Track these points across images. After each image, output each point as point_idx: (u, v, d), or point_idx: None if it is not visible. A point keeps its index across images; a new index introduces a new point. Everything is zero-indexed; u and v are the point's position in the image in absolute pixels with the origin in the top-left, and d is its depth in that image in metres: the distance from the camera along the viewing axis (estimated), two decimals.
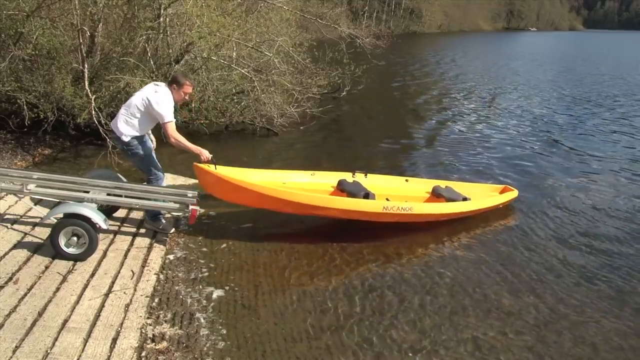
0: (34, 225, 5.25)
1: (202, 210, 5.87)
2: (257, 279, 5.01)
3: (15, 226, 5.20)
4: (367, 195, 5.95)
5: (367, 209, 5.72)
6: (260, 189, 5.45)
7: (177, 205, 5.26)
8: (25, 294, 4.11)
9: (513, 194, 6.96)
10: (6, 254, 4.67)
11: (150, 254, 5.12)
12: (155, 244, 5.33)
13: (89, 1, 8.42)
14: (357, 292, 4.92)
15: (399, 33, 55.88)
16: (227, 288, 4.77)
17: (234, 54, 10.02)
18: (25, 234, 5.09)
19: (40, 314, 3.87)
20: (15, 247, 4.81)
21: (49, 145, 8.20)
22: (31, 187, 5.06)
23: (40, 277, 4.40)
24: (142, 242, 5.33)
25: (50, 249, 4.72)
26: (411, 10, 67.58)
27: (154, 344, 3.81)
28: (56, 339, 3.61)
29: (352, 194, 6.01)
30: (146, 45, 9.25)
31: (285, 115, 10.81)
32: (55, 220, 4.70)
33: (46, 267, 4.56)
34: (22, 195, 5.17)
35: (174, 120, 5.26)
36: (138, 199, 5.21)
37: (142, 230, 5.59)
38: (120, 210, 5.81)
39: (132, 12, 9.21)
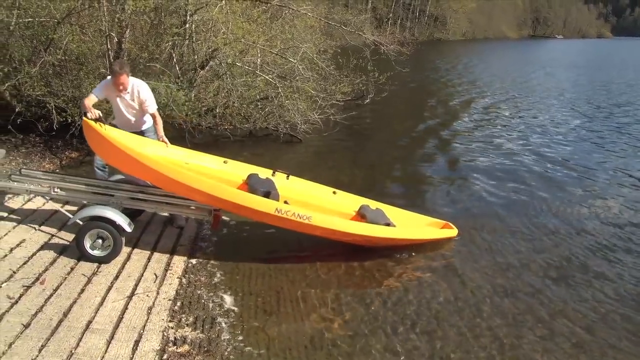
0: (61, 227, 5.32)
1: (225, 215, 5.95)
2: (278, 285, 5.02)
3: (43, 227, 5.29)
4: (267, 194, 5.35)
5: (256, 207, 5.07)
6: (142, 157, 4.95)
7: (201, 210, 5.30)
8: (51, 295, 4.17)
9: (450, 232, 6.17)
10: (33, 254, 4.75)
11: (173, 257, 5.16)
12: (178, 248, 5.37)
13: (117, 8, 8.55)
14: (378, 302, 4.89)
15: (423, 40, 55.70)
16: (248, 293, 4.80)
17: (259, 60, 10.08)
18: (52, 235, 5.17)
19: (65, 315, 3.93)
20: (42, 248, 4.89)
21: (76, 149, 8.32)
22: (58, 189, 5.15)
23: (65, 278, 4.46)
24: (166, 245, 5.37)
25: (75, 251, 4.79)
26: (435, 17, 67.33)
27: (175, 347, 3.83)
28: (80, 340, 3.66)
29: (252, 190, 5.45)
30: (172, 51, 9.37)
31: (308, 122, 10.82)
32: (81, 223, 4.76)
33: (72, 269, 4.62)
34: (49, 197, 5.25)
35: (91, 93, 5.40)
36: (162, 202, 5.26)
37: (166, 234, 5.65)
38: (144, 213, 5.86)
39: (158, 18, 9.33)
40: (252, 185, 5.60)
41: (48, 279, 4.39)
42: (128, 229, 4.77)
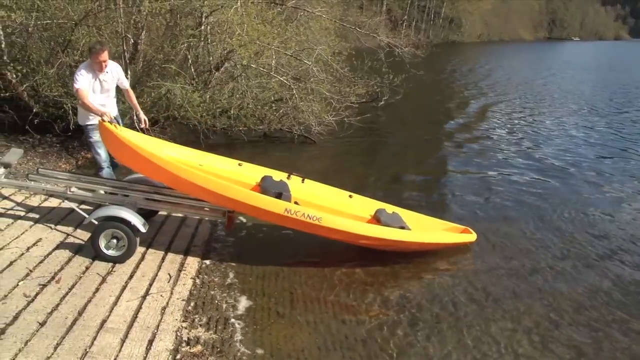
0: (76, 226, 5.37)
1: (240, 217, 5.97)
2: (292, 286, 5.01)
3: (59, 227, 5.34)
4: (279, 196, 5.32)
5: (265, 207, 5.03)
6: (156, 159, 5.00)
7: (215, 211, 5.31)
8: (67, 293, 4.20)
9: (468, 237, 6.03)
10: (49, 253, 4.79)
11: (187, 258, 5.18)
12: (192, 249, 5.39)
13: (133, 9, 8.63)
14: (393, 306, 4.87)
15: (438, 42, 55.48)
16: (262, 295, 4.79)
17: (273, 62, 10.10)
18: (68, 234, 5.21)
19: (80, 313, 3.96)
20: (58, 247, 4.93)
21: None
22: (74, 189, 5.20)
23: (81, 277, 4.49)
24: (180, 246, 5.39)
25: (90, 250, 4.82)
26: (450, 19, 67.10)
27: (188, 347, 3.84)
28: (95, 339, 3.68)
29: (264, 191, 5.43)
30: (187, 53, 9.42)
31: (323, 124, 10.82)
32: (96, 223, 4.80)
33: (87, 268, 4.65)
34: (65, 197, 5.30)
35: (83, 88, 5.31)
36: (176, 203, 5.28)
37: (180, 235, 5.67)
38: (159, 214, 5.89)
39: (174, 20, 9.39)
40: (264, 186, 5.60)
41: (63, 278, 4.42)
42: (143, 230, 4.79)
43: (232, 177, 5.73)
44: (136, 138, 5.44)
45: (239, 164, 6.09)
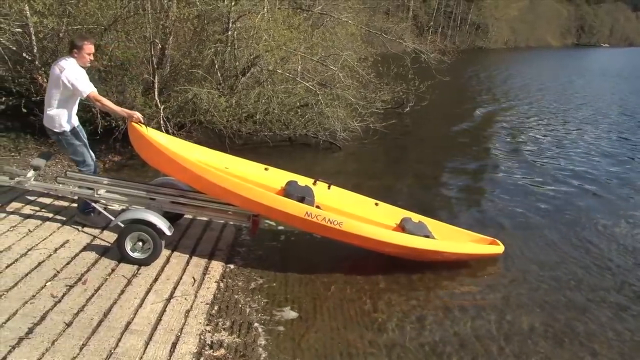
0: (103, 228, 5.42)
1: (265, 222, 5.97)
2: (315, 292, 5.00)
3: (86, 229, 5.39)
4: (301, 200, 5.37)
5: (286, 209, 5.03)
6: (181, 160, 5.04)
7: (239, 215, 5.32)
8: (93, 295, 4.24)
9: (495, 248, 5.91)
10: (76, 255, 4.85)
11: (212, 262, 5.19)
12: (216, 252, 5.40)
13: (161, 15, 8.73)
14: (417, 316, 4.83)
15: (464, 48, 55.05)
16: (285, 300, 4.79)
17: (299, 67, 10.13)
18: (94, 237, 5.26)
19: (105, 315, 3.99)
20: (84, 249, 4.98)
21: (119, 153, 8.49)
22: (101, 192, 5.25)
23: (106, 279, 4.53)
24: (204, 249, 5.41)
25: (116, 253, 4.86)
26: (477, 25, 66.46)
27: (212, 350, 3.84)
28: (119, 340, 3.71)
29: (287, 195, 5.45)
30: (214, 58, 9.49)
31: (348, 130, 10.79)
32: (123, 225, 4.84)
33: (112, 270, 4.69)
34: (92, 200, 5.35)
35: (92, 90, 5.03)
36: (202, 207, 5.30)
37: (205, 238, 5.69)
38: (184, 217, 5.92)
39: (201, 25, 9.48)
40: (288, 190, 5.62)
41: (90, 279, 4.46)
42: (168, 233, 4.82)
43: (257, 181, 5.75)
44: (164, 139, 5.51)
45: (265, 169, 6.11)
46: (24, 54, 8.18)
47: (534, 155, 11.62)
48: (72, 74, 4.94)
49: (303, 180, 6.00)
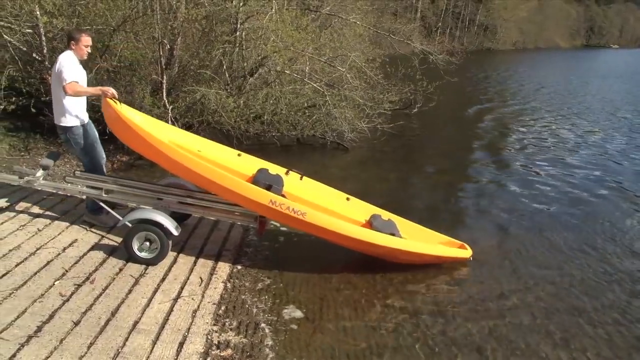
0: (110, 228, 5.45)
1: (272, 223, 5.97)
2: (322, 293, 5.00)
3: (94, 229, 5.42)
4: (268, 187, 5.29)
5: (250, 196, 4.95)
6: (151, 138, 4.98)
7: (246, 216, 5.33)
8: (100, 294, 4.26)
9: (462, 252, 5.81)
10: (85, 254, 4.87)
11: (219, 262, 5.21)
12: (224, 253, 5.42)
13: (170, 16, 8.77)
14: (423, 315, 4.81)
15: (473, 49, 54.96)
16: (292, 300, 4.79)
17: (307, 68, 10.14)
18: (102, 236, 5.29)
19: (113, 314, 4.01)
20: (92, 248, 5.01)
21: (127, 152, 8.52)
22: (109, 191, 5.28)
23: (114, 278, 4.55)
24: (211, 250, 5.43)
25: (124, 252, 4.89)
26: (485, 26, 66.26)
27: (218, 350, 3.85)
28: (127, 339, 3.72)
29: (255, 182, 5.41)
30: (222, 58, 9.52)
31: (356, 131, 10.80)
32: (130, 225, 4.86)
33: (120, 270, 4.71)
34: (100, 199, 5.38)
35: (74, 80, 4.93)
36: (209, 207, 5.32)
37: (212, 238, 5.71)
38: (191, 217, 5.94)
39: (210, 26, 9.51)
40: (257, 178, 5.59)
41: (98, 279, 4.49)
42: (175, 233, 4.83)
43: (229, 166, 5.71)
44: (138, 117, 5.43)
45: (238, 155, 6.07)
46: (34, 55, 8.24)
47: (541, 157, 11.55)
48: (64, 62, 4.97)
49: (275, 169, 5.94)
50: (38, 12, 7.73)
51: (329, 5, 11.99)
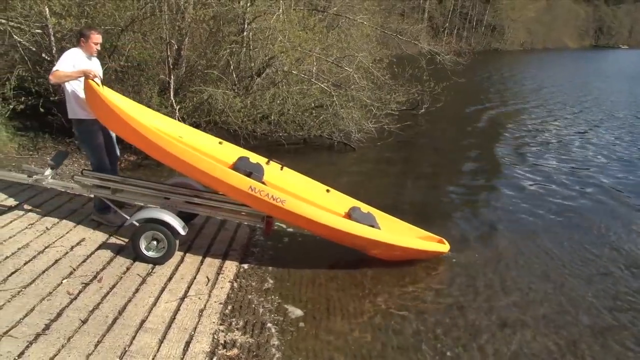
0: (118, 227, 5.48)
1: (279, 223, 5.98)
2: (329, 293, 5.01)
3: (101, 227, 5.45)
4: (249, 175, 5.27)
5: (229, 181, 4.93)
6: (134, 122, 4.95)
7: (253, 216, 5.34)
8: (108, 293, 4.29)
9: (440, 247, 5.78)
10: (92, 253, 4.90)
11: (226, 261, 5.22)
12: (230, 252, 5.43)
13: (177, 16, 8.81)
14: (430, 316, 4.81)
15: (480, 50, 54.83)
16: (298, 300, 4.80)
17: (314, 68, 10.15)
18: (110, 235, 5.32)
19: (120, 313, 4.03)
20: (100, 247, 5.04)
21: (135, 152, 8.55)
22: (117, 191, 5.30)
23: (121, 277, 4.57)
24: (218, 249, 5.44)
25: (131, 251, 4.91)
26: (493, 27, 66.07)
27: (225, 350, 3.86)
28: (134, 338, 3.74)
29: (235, 169, 5.38)
30: (229, 59, 9.55)
31: (363, 131, 10.80)
32: (137, 224, 4.89)
33: (127, 269, 4.74)
34: (108, 198, 5.41)
35: (61, 69, 4.92)
36: (216, 207, 5.33)
37: (219, 238, 5.72)
38: (198, 217, 5.95)
39: (217, 26, 9.54)
40: (237, 165, 5.60)
41: (105, 278, 4.51)
42: (182, 232, 4.85)
43: (210, 153, 5.69)
44: (120, 101, 5.40)
45: (220, 142, 6.07)
46: (43, 55, 8.29)
47: (548, 158, 11.50)
48: (63, 55, 5.04)
49: (256, 158, 5.94)
50: (47, 13, 7.79)
51: (336, 6, 11.99)
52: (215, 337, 3.98)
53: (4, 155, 7.63)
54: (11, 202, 5.69)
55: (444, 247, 5.79)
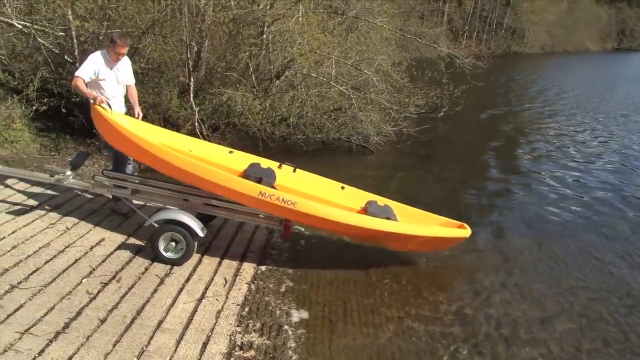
0: (137, 228, 5.52)
1: (297, 226, 5.98)
2: (345, 295, 4.99)
3: (121, 228, 5.50)
4: (259, 181, 5.31)
5: (239, 189, 4.95)
6: (142, 141, 5.03)
7: (271, 219, 5.34)
8: (126, 293, 4.32)
9: (462, 232, 5.62)
10: (111, 253, 4.95)
11: (243, 263, 5.23)
12: (248, 254, 5.45)
13: (197, 19, 8.86)
14: (447, 320, 4.79)
15: (500, 53, 54.28)
16: (316, 303, 4.79)
17: (333, 71, 10.15)
18: (129, 235, 5.37)
19: (138, 313, 4.06)
20: (119, 247, 5.09)
21: None
22: (137, 191, 5.35)
23: (140, 277, 4.61)
24: (236, 251, 5.46)
25: (150, 252, 4.96)
26: (513, 30, 65.45)
27: (242, 351, 3.87)
28: (151, 338, 3.77)
29: (246, 176, 5.44)
30: (249, 61, 9.58)
31: (381, 134, 10.77)
32: (156, 225, 4.92)
33: (146, 269, 4.77)
34: (128, 199, 5.46)
35: (82, 76, 5.18)
36: (234, 209, 5.34)
37: (237, 240, 5.74)
38: (216, 218, 5.97)
39: (237, 29, 9.58)
40: (247, 172, 5.62)
41: (124, 278, 4.55)
42: (201, 234, 4.87)
43: (220, 163, 5.71)
44: (128, 123, 5.48)
45: (230, 152, 6.07)
46: (66, 57, 8.40)
47: (568, 163, 11.38)
48: (87, 59, 5.29)
49: (267, 163, 5.93)
50: (70, 16, 7.89)
51: (355, 9, 11.98)
52: (232, 338, 3.99)
53: (27, 156, 7.74)
54: (33, 201, 5.77)
55: (466, 232, 5.66)
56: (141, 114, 5.81)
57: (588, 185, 9.71)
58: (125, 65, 5.66)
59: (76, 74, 5.20)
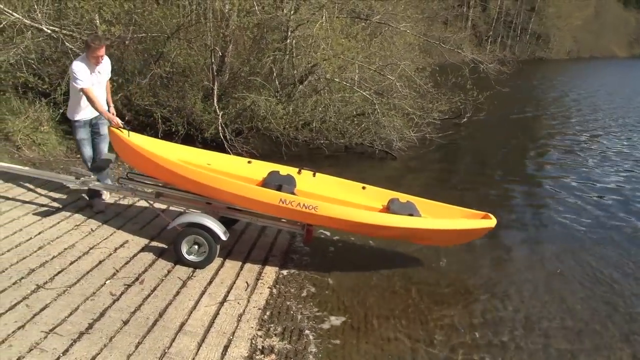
0: (160, 231, 5.56)
1: (319, 231, 5.97)
2: (367, 301, 4.96)
3: (144, 230, 5.55)
4: (279, 188, 5.34)
5: (259, 198, 4.96)
6: (159, 159, 5.09)
7: (293, 224, 5.34)
8: (149, 295, 4.35)
9: (487, 222, 5.48)
10: (135, 255, 4.99)
11: (265, 267, 5.24)
12: (270, 259, 5.45)
13: (222, 24, 8.93)
14: (472, 328, 4.73)
15: (524, 59, 53.76)
16: (337, 308, 4.77)
17: (357, 76, 10.13)
18: (152, 238, 5.41)
19: (160, 315, 4.08)
20: (143, 249, 5.13)
21: None
22: (161, 194, 5.39)
23: (163, 280, 4.64)
24: (258, 255, 5.46)
25: (173, 255, 4.98)
26: (538, 35, 64.73)
27: (262, 355, 3.87)
28: (173, 340, 3.78)
29: (266, 185, 5.47)
30: (272, 66, 9.63)
31: (404, 139, 10.71)
32: (180, 229, 4.95)
33: (168, 272, 4.80)
34: (152, 201, 5.51)
35: (88, 86, 5.28)
36: (256, 214, 5.34)
37: (259, 244, 5.75)
38: (239, 222, 5.99)
39: (261, 34, 9.64)
40: (267, 180, 5.64)
41: (147, 280, 4.58)
42: (223, 237, 4.88)
43: (239, 174, 5.76)
44: (143, 141, 5.55)
45: (248, 162, 6.08)
46: None
47: (594, 171, 11.19)
48: (75, 67, 5.28)
49: (286, 170, 5.92)
50: (97, 21, 8.01)
51: (379, 14, 11.95)
52: (254, 342, 3.99)
53: (53, 158, 7.86)
54: (59, 203, 5.85)
55: (491, 222, 5.51)
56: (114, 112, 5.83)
57: (618, 196, 9.52)
58: (105, 66, 5.69)
59: (80, 86, 5.26)
